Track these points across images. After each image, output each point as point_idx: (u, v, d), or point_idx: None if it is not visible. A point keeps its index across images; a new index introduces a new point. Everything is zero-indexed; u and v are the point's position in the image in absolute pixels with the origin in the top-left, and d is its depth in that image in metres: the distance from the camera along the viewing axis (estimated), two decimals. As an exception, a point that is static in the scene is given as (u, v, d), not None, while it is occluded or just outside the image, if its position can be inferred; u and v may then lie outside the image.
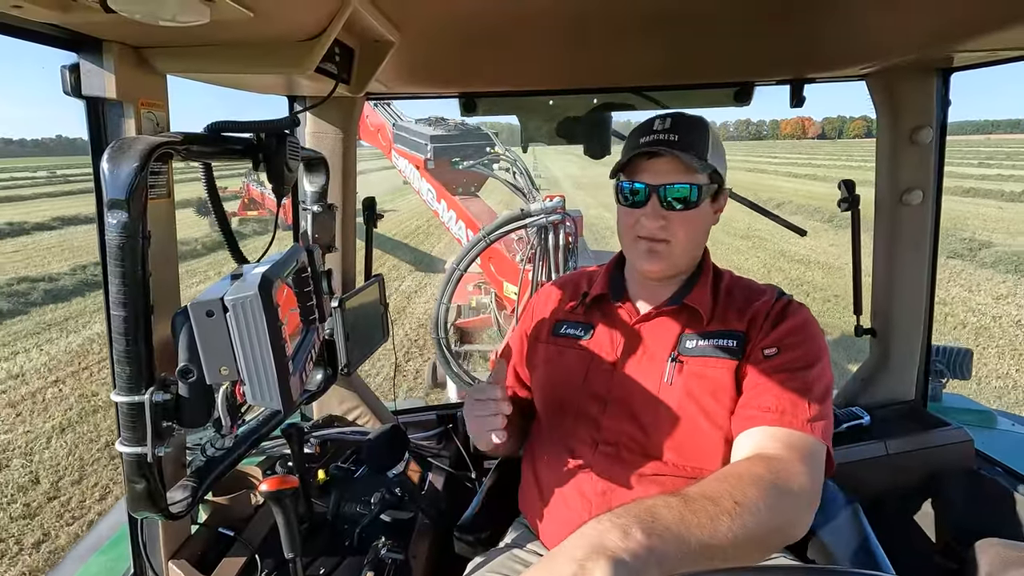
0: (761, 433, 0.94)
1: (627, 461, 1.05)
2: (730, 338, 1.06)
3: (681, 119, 1.06)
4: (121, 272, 0.72)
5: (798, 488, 0.83)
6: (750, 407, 0.98)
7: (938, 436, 1.65)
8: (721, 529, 0.70)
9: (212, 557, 1.22)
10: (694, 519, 0.69)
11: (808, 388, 0.98)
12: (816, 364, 1.01)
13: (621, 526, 0.63)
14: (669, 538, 0.65)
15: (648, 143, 1.05)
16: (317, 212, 1.30)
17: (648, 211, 1.05)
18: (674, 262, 1.09)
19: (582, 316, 1.19)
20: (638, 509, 0.68)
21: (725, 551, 0.70)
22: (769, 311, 1.07)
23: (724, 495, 0.75)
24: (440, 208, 5.53)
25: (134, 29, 0.82)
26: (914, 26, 1.16)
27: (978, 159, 38.34)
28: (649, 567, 0.61)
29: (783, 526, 0.80)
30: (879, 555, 1.17)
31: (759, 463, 0.86)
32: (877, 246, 1.75)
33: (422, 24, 1.05)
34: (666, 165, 1.04)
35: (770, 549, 0.84)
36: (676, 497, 0.72)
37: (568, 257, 3.20)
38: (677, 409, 1.04)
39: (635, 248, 1.09)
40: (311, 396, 1.37)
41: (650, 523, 0.65)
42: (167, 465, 1.01)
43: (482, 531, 1.29)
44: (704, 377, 1.04)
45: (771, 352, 1.02)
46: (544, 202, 3.13)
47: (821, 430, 0.94)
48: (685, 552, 0.65)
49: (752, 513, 0.73)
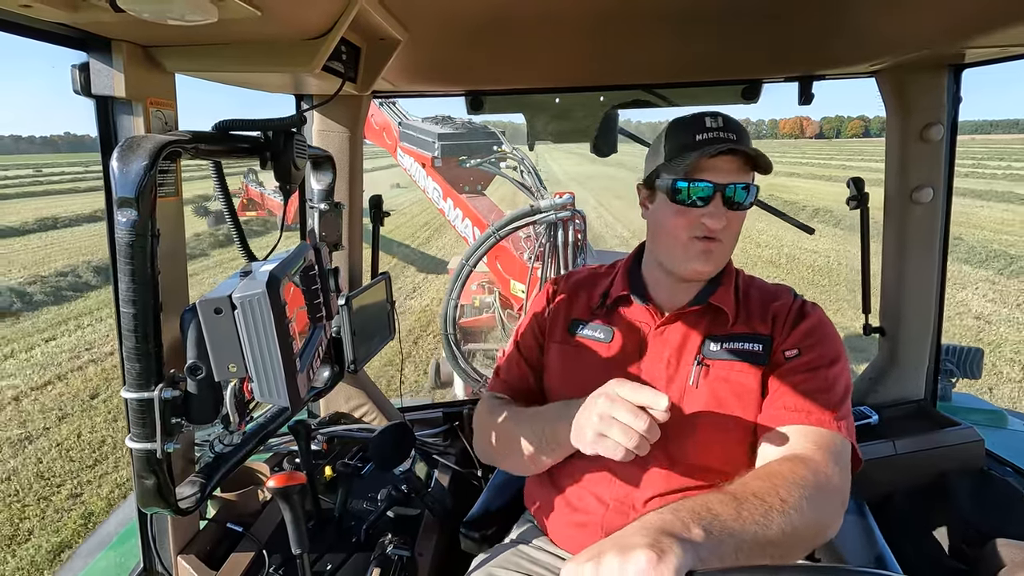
0: (790, 432, 0.94)
1: (649, 466, 1.03)
2: (756, 342, 1.05)
3: (729, 118, 1.04)
4: (130, 270, 0.73)
5: (832, 488, 0.85)
6: (776, 407, 0.98)
7: (948, 436, 1.63)
8: (773, 526, 0.72)
9: (220, 552, 1.23)
10: (748, 516, 0.71)
11: (831, 386, 0.98)
12: (837, 362, 1.02)
13: (682, 519, 0.66)
14: (726, 533, 0.67)
15: (710, 140, 1.01)
16: (324, 210, 1.31)
17: (712, 210, 1.01)
18: (722, 262, 1.08)
19: (602, 317, 1.16)
20: (694, 504, 0.70)
21: (776, 547, 0.72)
22: (788, 313, 1.07)
23: (771, 492, 0.76)
24: (446, 206, 5.52)
25: (143, 28, 0.82)
26: (925, 22, 1.14)
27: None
28: (710, 558, 0.64)
29: (822, 525, 0.82)
30: (887, 555, 1.17)
31: (798, 464, 0.86)
32: (886, 244, 1.74)
33: (429, 22, 1.05)
34: (730, 164, 1.01)
35: (811, 547, 0.85)
36: (726, 494, 0.75)
37: (577, 254, 3.19)
38: (702, 413, 1.03)
39: (690, 249, 1.04)
40: (318, 393, 1.38)
41: (709, 519, 0.68)
42: (176, 461, 1.02)
43: (488, 528, 1.30)
44: (730, 381, 1.03)
45: (792, 354, 1.02)
46: (554, 199, 3.12)
47: (846, 427, 0.95)
48: (739, 546, 0.68)
49: (798, 511, 0.75)
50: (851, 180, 1.74)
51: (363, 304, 1.49)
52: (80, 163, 57.91)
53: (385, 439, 1.37)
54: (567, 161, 42.09)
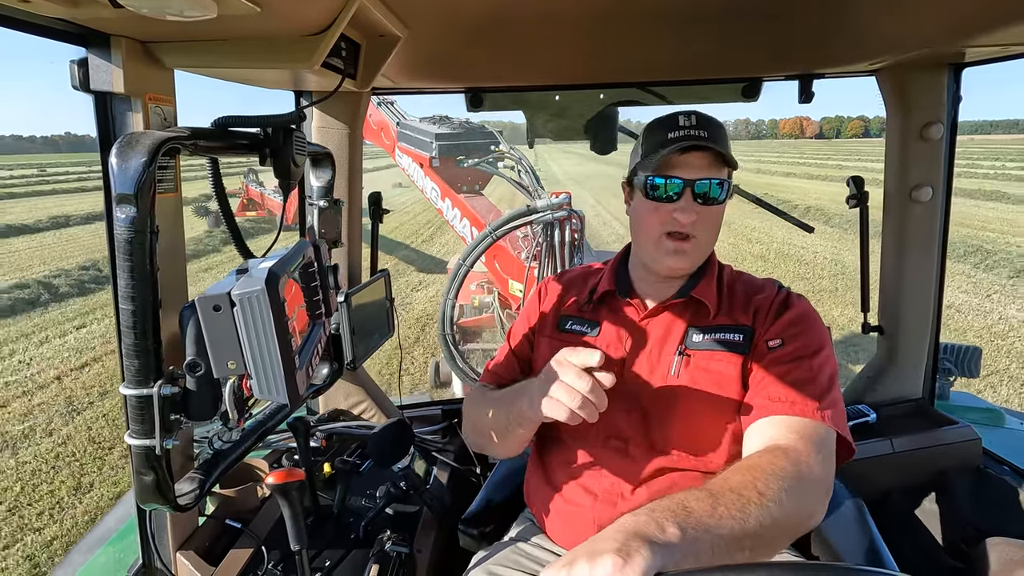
0: (773, 423, 0.95)
1: (635, 456, 1.06)
2: (737, 332, 1.07)
3: (703, 116, 1.06)
4: (129, 266, 0.73)
5: (814, 478, 0.86)
6: (759, 398, 0.99)
7: (945, 434, 1.64)
8: (750, 520, 0.72)
9: (219, 549, 1.23)
10: (724, 511, 0.72)
11: (814, 376, 0.99)
12: (820, 352, 1.03)
13: (657, 520, 0.67)
14: (702, 530, 0.68)
15: (680, 138, 1.03)
16: (323, 207, 1.31)
17: (682, 205, 1.03)
18: (698, 258, 1.10)
19: (588, 313, 1.19)
20: (670, 504, 0.71)
21: (753, 541, 0.72)
22: (771, 304, 1.09)
23: (748, 486, 0.77)
24: (444, 206, 5.51)
25: (142, 24, 0.82)
26: (925, 20, 1.14)
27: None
28: (686, 557, 0.64)
29: (803, 515, 0.83)
30: (883, 552, 1.17)
31: (777, 454, 0.87)
32: (885, 242, 1.74)
33: (428, 19, 1.05)
34: (700, 160, 1.03)
35: (791, 538, 0.86)
36: (703, 491, 0.75)
37: (574, 254, 3.19)
38: (684, 403, 1.04)
39: (661, 246, 1.07)
40: (317, 390, 1.38)
41: (684, 517, 0.68)
42: (175, 458, 1.02)
43: (487, 525, 1.30)
44: (710, 371, 1.05)
45: (776, 344, 1.03)
46: (550, 198, 3.12)
47: (831, 417, 0.95)
48: (716, 542, 0.68)
49: (776, 503, 0.76)
50: (851, 179, 1.74)
51: (362, 301, 1.49)
52: (83, 163, 57.89)
53: (384, 436, 1.37)
54: (566, 161, 42.08)
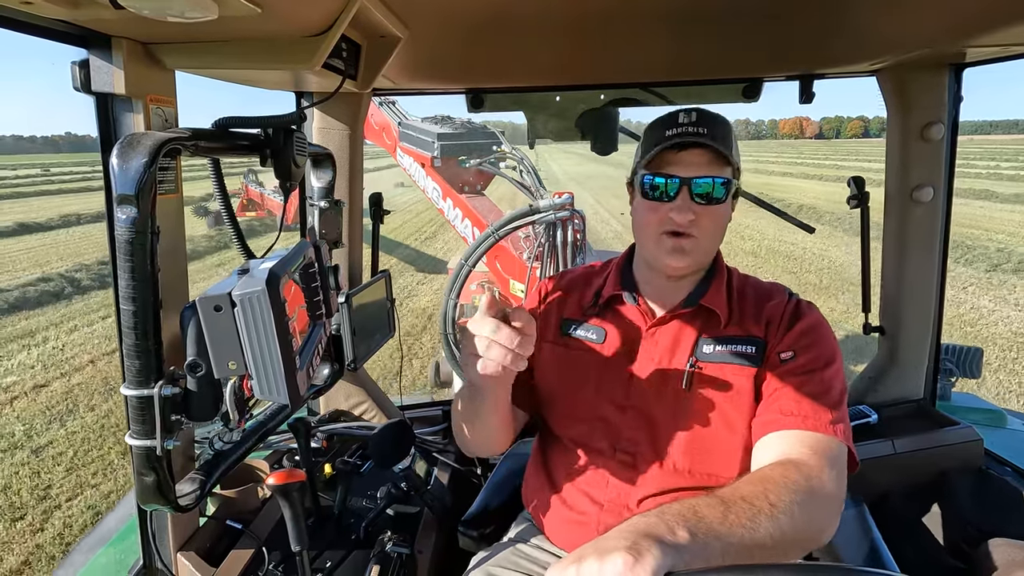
0: (785, 437, 0.93)
1: (643, 468, 1.04)
2: (749, 344, 1.04)
3: (705, 113, 1.03)
4: (130, 267, 0.73)
5: (827, 493, 0.84)
6: (771, 411, 0.97)
7: (947, 435, 1.63)
8: (760, 530, 0.71)
9: (220, 549, 1.23)
10: (735, 519, 0.71)
11: (827, 390, 0.97)
12: (832, 364, 1.01)
13: (667, 522, 0.66)
14: (712, 536, 0.67)
15: (677, 135, 1.01)
16: (324, 208, 1.31)
17: (679, 204, 1.00)
18: (699, 258, 1.06)
19: (593, 317, 1.15)
20: (681, 508, 0.70)
21: (764, 550, 0.71)
22: (783, 314, 1.06)
23: (760, 496, 0.76)
24: (446, 206, 5.52)
25: (143, 25, 0.82)
26: (926, 20, 1.14)
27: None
28: (695, 560, 0.64)
29: (814, 530, 0.81)
30: (884, 554, 1.17)
31: (789, 468, 0.86)
32: (886, 243, 1.74)
33: (429, 19, 1.05)
34: (698, 158, 1.01)
35: (801, 552, 0.84)
36: (714, 498, 0.74)
37: (576, 254, 3.19)
38: (696, 416, 1.02)
39: (660, 245, 1.04)
40: (318, 391, 1.38)
41: (695, 522, 0.68)
42: (176, 458, 1.02)
43: (487, 526, 1.30)
44: (723, 383, 1.02)
45: (788, 356, 1.01)
46: (553, 199, 3.12)
47: (843, 432, 0.94)
48: (726, 549, 0.68)
49: (788, 516, 0.75)
50: (851, 179, 1.74)
51: (363, 302, 1.49)
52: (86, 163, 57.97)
53: (385, 437, 1.37)
54: (567, 161, 42.10)
